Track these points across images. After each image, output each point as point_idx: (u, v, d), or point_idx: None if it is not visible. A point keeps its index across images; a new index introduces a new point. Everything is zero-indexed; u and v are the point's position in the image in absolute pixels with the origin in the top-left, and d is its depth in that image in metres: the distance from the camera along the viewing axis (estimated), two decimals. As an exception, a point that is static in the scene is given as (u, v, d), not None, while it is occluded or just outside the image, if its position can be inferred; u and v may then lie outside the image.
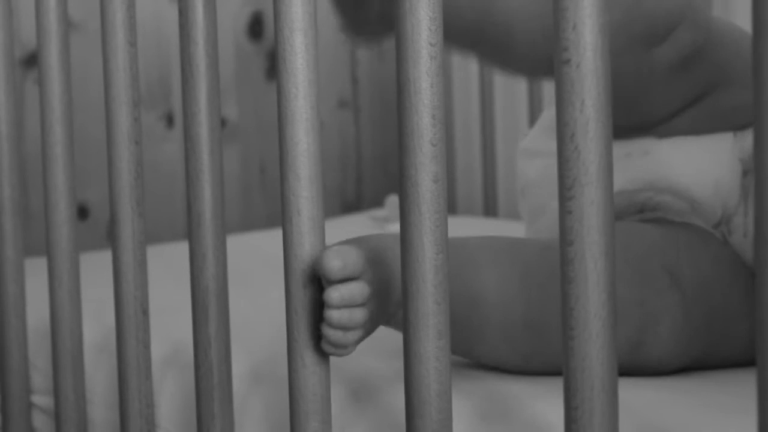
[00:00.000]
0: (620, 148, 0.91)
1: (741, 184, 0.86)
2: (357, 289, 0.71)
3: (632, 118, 0.87)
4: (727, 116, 0.86)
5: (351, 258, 0.71)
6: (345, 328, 0.71)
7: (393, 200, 1.68)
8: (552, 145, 1.00)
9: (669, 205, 0.88)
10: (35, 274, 1.29)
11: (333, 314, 0.70)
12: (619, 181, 0.90)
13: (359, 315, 0.71)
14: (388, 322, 0.79)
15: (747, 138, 0.87)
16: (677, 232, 0.86)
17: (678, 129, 0.87)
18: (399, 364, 0.88)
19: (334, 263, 0.69)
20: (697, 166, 0.87)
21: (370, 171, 1.97)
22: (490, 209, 1.78)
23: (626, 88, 0.84)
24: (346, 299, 0.71)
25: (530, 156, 1.06)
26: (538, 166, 1.04)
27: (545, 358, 0.82)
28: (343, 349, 0.72)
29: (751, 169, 0.86)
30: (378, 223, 1.68)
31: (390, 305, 0.77)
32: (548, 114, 1.05)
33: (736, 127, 0.87)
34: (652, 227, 0.86)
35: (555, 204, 1.02)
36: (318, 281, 0.71)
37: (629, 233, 0.84)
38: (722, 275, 0.84)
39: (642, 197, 0.89)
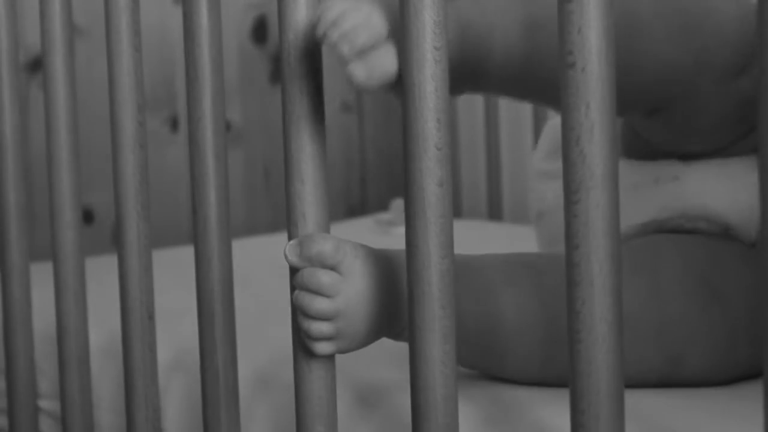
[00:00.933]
0: (647, 173, 0.87)
1: None
2: (314, 276, 0.71)
3: (702, 145, 0.84)
4: None
5: (312, 244, 0.70)
6: (304, 313, 0.70)
7: (398, 204, 1.68)
8: None
9: (702, 231, 0.85)
10: (41, 278, 1.29)
11: (293, 295, 0.71)
12: (649, 211, 0.87)
13: (322, 304, 0.70)
14: (398, 335, 0.78)
15: None
16: (714, 244, 0.83)
17: (731, 152, 0.85)
18: (405, 369, 0.88)
19: (290, 249, 0.70)
20: (730, 190, 0.84)
21: (374, 174, 1.97)
22: (494, 212, 1.78)
23: (707, 120, 0.81)
24: (299, 282, 0.70)
25: (547, 178, 1.03)
26: (556, 189, 1.02)
27: (565, 371, 0.80)
28: (311, 341, 0.71)
29: None
30: (383, 226, 1.68)
31: (396, 319, 0.76)
32: (558, 124, 1.03)
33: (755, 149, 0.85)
34: (688, 239, 0.83)
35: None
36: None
37: (665, 246, 0.82)
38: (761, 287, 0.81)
39: (673, 224, 0.86)
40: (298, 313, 0.71)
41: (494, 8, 0.79)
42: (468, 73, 0.80)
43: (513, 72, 0.80)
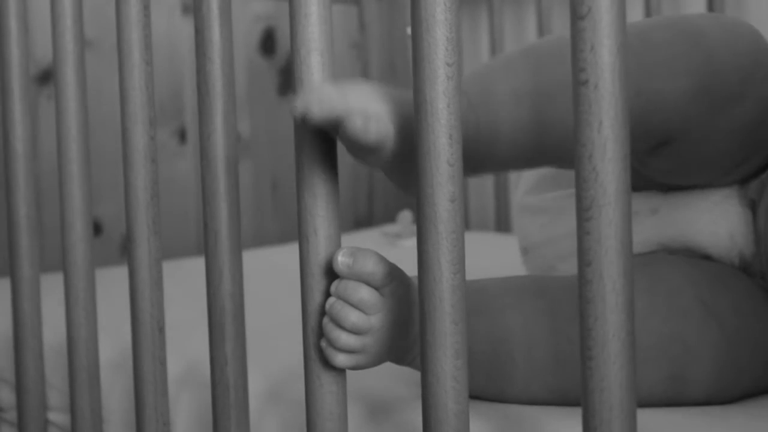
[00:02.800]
0: None
1: (754, 230, 0.84)
2: (358, 291, 0.71)
3: (709, 176, 0.84)
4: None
5: (367, 261, 0.71)
6: (338, 323, 0.71)
7: (405, 216, 1.68)
8: (551, 199, 0.99)
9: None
10: (50, 289, 1.29)
11: (329, 302, 0.71)
12: (635, 243, 0.87)
13: (359, 319, 0.71)
14: (401, 360, 0.78)
15: (751, 184, 0.85)
16: (708, 264, 0.84)
17: (723, 181, 0.85)
18: (416, 384, 0.88)
19: (343, 259, 0.71)
20: (709, 221, 0.85)
21: (381, 186, 1.97)
22: (502, 224, 1.78)
23: (711, 150, 0.80)
24: (341, 293, 0.71)
25: (531, 213, 1.04)
26: (541, 225, 1.02)
27: (577, 393, 0.80)
28: (333, 351, 0.71)
29: (759, 209, 0.84)
30: (390, 238, 1.68)
31: (406, 341, 0.76)
32: None
33: (744, 179, 0.86)
34: (683, 259, 0.83)
35: (562, 266, 1.01)
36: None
37: (661, 265, 0.82)
38: (756, 306, 0.82)
39: (659, 257, 0.86)
40: (327, 321, 0.71)
41: (499, 99, 0.79)
42: (476, 158, 0.81)
43: (523, 152, 0.80)
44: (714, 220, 0.85)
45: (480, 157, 0.80)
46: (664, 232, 0.87)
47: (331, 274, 0.71)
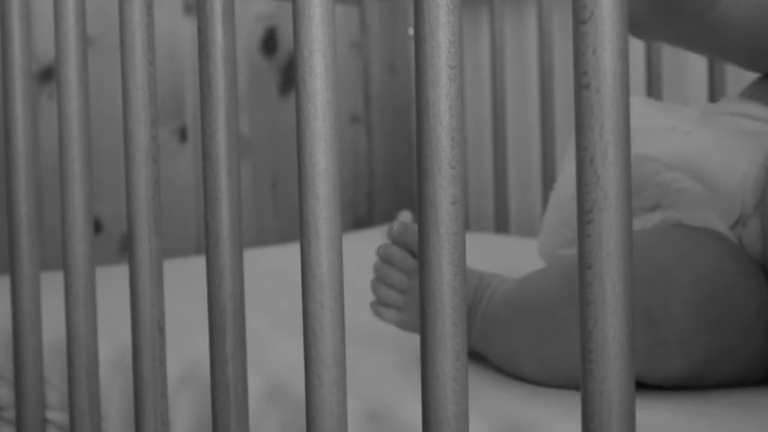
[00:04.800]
0: (666, 119, 0.94)
1: (765, 185, 0.85)
2: (401, 255, 0.88)
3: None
4: None
5: (413, 233, 0.88)
6: (384, 281, 0.87)
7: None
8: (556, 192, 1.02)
9: (690, 191, 0.88)
10: (49, 288, 1.29)
11: (375, 265, 0.88)
12: (656, 150, 0.92)
13: (402, 278, 0.87)
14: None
15: None
16: (719, 249, 0.83)
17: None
18: (416, 384, 0.88)
19: (396, 227, 0.88)
20: (729, 156, 0.88)
21: (381, 186, 1.97)
22: (501, 226, 1.78)
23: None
24: (387, 256, 0.88)
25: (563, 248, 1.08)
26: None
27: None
28: (380, 307, 0.89)
29: None
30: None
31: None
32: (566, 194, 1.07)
33: None
34: (694, 244, 0.83)
35: (559, 252, 1.05)
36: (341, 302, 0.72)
37: (670, 248, 0.83)
38: (748, 288, 0.82)
39: (668, 178, 0.90)
40: (374, 281, 0.89)
41: None
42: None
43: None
44: (734, 156, 0.88)
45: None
46: (688, 154, 0.90)
47: (333, 275, 0.71)
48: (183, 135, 1.71)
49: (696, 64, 1.64)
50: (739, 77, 1.54)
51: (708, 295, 0.79)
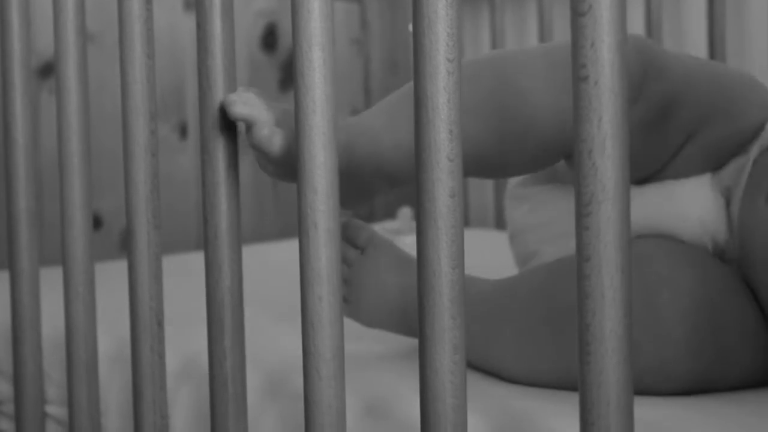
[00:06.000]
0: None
1: (726, 216, 0.86)
2: (347, 251, 0.96)
3: (647, 171, 0.88)
4: (712, 152, 0.87)
5: (360, 233, 0.95)
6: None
7: (405, 212, 1.68)
8: (537, 189, 1.02)
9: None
10: (49, 283, 1.29)
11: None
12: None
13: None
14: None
15: (726, 170, 0.87)
16: (703, 259, 0.84)
17: (668, 175, 0.88)
18: (414, 378, 0.88)
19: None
20: (679, 207, 0.87)
21: (382, 183, 1.96)
22: (501, 221, 1.78)
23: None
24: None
25: (517, 201, 1.08)
26: (524, 212, 1.07)
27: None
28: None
29: (734, 196, 0.86)
30: (390, 235, 1.68)
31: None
32: None
33: (715, 167, 0.88)
34: (677, 255, 0.84)
35: (546, 248, 1.04)
36: (338, 296, 0.72)
37: (656, 257, 0.83)
38: (737, 295, 0.82)
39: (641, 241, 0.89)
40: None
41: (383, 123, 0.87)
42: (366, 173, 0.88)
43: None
44: (685, 206, 0.88)
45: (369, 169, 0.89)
46: (636, 221, 0.90)
47: (332, 268, 0.71)
48: (183, 131, 1.71)
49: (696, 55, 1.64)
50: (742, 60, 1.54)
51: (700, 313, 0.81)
